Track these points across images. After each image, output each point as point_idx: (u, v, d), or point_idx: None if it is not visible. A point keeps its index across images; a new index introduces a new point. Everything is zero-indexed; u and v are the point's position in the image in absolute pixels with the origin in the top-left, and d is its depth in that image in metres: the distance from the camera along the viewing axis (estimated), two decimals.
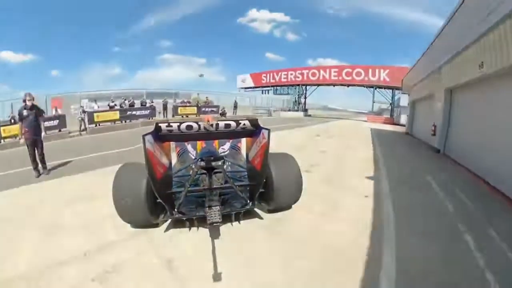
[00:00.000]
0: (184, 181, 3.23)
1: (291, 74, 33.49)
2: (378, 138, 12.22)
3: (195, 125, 2.61)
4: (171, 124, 2.57)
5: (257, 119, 2.84)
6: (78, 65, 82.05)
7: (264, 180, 2.99)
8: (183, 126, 2.58)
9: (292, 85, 33.94)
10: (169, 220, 2.95)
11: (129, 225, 2.95)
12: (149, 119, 16.59)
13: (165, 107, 18.43)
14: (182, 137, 3.07)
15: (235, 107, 24.47)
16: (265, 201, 3.22)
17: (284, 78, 34.25)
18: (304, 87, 34.16)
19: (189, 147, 4.18)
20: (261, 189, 2.98)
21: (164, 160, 2.94)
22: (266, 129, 2.73)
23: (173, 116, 18.43)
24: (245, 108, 28.45)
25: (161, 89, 22.22)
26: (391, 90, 28.19)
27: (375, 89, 28.67)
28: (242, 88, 39.46)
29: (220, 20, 79.51)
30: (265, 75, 36.97)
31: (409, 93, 16.84)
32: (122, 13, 72.36)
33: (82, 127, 13.27)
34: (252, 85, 38.73)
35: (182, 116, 18.66)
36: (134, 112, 16.04)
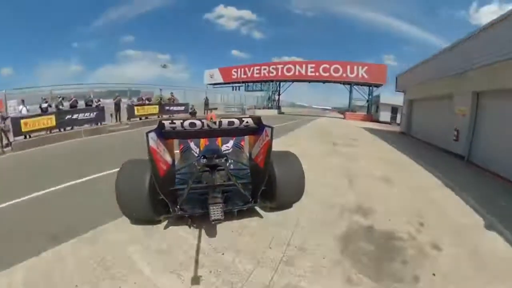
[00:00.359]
0: (187, 178, 3.21)
1: (265, 69, 31.21)
2: (391, 142, 10.85)
3: (198, 123, 2.57)
4: (174, 121, 2.54)
5: (260, 117, 2.71)
6: (33, 62, 72.26)
7: (267, 178, 2.93)
8: (186, 123, 2.55)
9: (266, 81, 31.71)
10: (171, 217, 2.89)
11: None
12: (97, 124, 12.33)
13: (117, 108, 13.78)
14: (185, 134, 3.09)
15: (206, 104, 21.24)
16: (267, 199, 3.19)
17: (257, 73, 31.84)
18: (277, 83, 32.22)
19: (192, 144, 4.22)
20: (264, 187, 2.92)
21: (167, 157, 2.89)
22: (269, 127, 2.66)
23: (128, 119, 14.12)
24: (216, 106, 25.12)
25: (114, 86, 17.65)
26: (368, 87, 27.80)
27: (353, 86, 28.01)
28: (210, 84, 35.95)
29: (186, 15, 76.46)
30: (235, 70, 34.07)
31: (405, 92, 16.02)
32: (82, 6, 64.83)
33: (5, 141, 8.96)
34: (221, 80, 35.49)
35: (141, 118, 14.64)
36: (75, 116, 11.57)
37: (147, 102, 15.92)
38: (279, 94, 33.38)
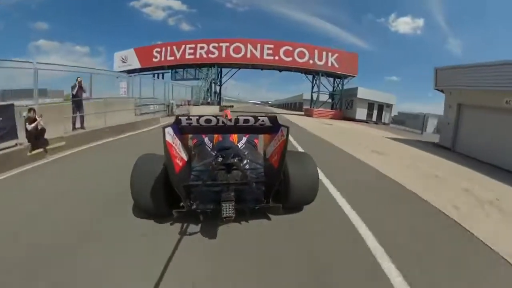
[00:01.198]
0: (202, 175, 3.29)
1: (202, 48, 22.06)
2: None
3: (214, 119, 2.63)
4: (190, 117, 2.63)
5: (276, 116, 2.72)
6: None
7: (281, 179, 3.00)
8: (202, 119, 2.63)
9: (203, 66, 22.49)
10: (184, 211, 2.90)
11: None
12: None
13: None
14: (200, 130, 3.10)
15: None
16: (280, 199, 3.19)
17: (191, 54, 22.37)
18: (219, 69, 23.43)
19: (206, 139, 4.34)
20: (277, 187, 2.94)
21: (182, 153, 2.91)
22: (285, 126, 2.64)
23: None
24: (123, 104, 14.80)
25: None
26: (333, 79, 22.05)
27: (321, 75, 21.74)
28: (123, 71, 24.45)
29: (110, 1, 64.53)
30: (158, 49, 23.97)
31: (449, 92, 11.68)
32: None
33: None
34: (137, 66, 24.60)
35: None
36: None
37: None
38: (220, 85, 24.69)
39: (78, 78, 8.36)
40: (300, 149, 7.71)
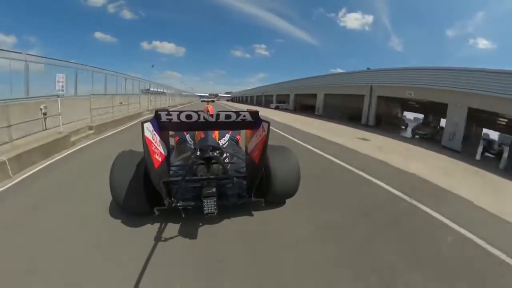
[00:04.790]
0: (182, 170, 3.28)
1: None
2: None
3: (194, 115, 2.57)
4: (170, 112, 2.56)
5: (257, 112, 2.71)
6: None
7: (262, 173, 3.06)
8: (183, 115, 2.57)
9: None
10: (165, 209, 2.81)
11: None
12: None
13: None
14: (181, 126, 3.07)
15: None
16: (262, 194, 3.19)
17: None
18: None
19: (187, 137, 4.30)
20: (259, 181, 2.93)
21: (162, 149, 2.83)
22: (266, 122, 2.62)
23: None
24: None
25: None
26: None
27: None
28: None
29: None
30: None
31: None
32: None
33: None
34: None
35: None
36: None
37: None
38: None
39: None
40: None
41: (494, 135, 22.32)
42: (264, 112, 21.52)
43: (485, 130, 24.48)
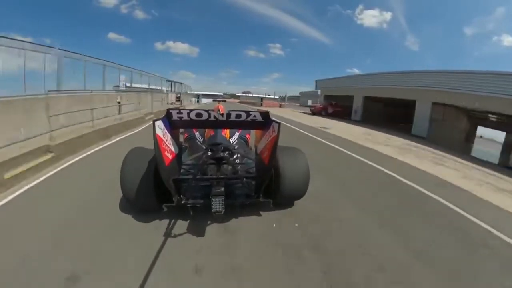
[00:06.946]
0: (192, 169, 3.33)
1: None
2: None
3: (205, 114, 2.65)
4: (181, 111, 2.63)
5: (268, 112, 2.78)
6: None
7: (271, 174, 3.05)
8: (193, 113, 2.64)
9: None
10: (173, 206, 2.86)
11: None
12: None
13: None
14: (192, 124, 3.20)
15: None
16: (270, 194, 3.17)
17: None
18: None
19: (197, 134, 4.35)
20: (268, 182, 2.94)
21: (173, 147, 2.88)
22: (276, 122, 2.63)
23: None
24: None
25: None
26: None
27: None
28: None
29: None
30: None
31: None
32: None
33: None
34: None
35: None
36: None
37: None
38: None
39: None
40: None
41: None
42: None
43: None
